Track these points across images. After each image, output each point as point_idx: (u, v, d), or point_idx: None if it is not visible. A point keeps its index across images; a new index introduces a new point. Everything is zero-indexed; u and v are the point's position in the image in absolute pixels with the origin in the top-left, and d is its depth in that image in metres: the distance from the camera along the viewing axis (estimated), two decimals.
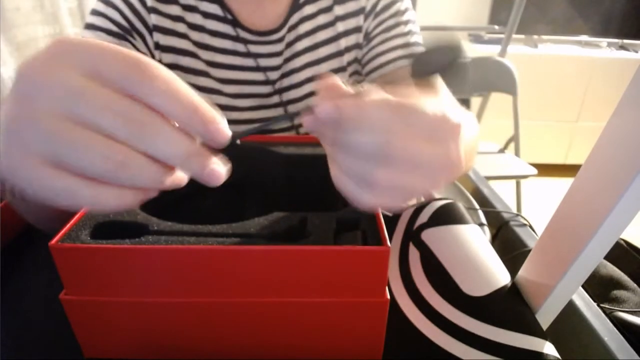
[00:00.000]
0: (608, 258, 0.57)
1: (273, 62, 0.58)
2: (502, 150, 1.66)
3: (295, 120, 0.61)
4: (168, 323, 0.33)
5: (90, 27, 0.51)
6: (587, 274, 0.37)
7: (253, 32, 0.57)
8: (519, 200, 1.56)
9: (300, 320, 0.32)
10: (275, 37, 0.57)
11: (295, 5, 0.58)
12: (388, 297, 0.31)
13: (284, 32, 0.58)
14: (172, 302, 0.31)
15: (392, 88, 0.23)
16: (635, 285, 0.52)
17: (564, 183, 2.34)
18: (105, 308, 0.32)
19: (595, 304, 0.42)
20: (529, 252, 0.42)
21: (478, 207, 0.61)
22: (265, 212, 0.34)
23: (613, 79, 2.26)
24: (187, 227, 0.32)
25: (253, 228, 0.32)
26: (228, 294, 0.31)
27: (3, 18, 0.95)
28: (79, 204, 0.20)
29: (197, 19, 0.55)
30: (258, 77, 0.59)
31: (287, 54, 0.59)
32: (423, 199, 0.26)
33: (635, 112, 0.30)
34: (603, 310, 0.42)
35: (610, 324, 0.40)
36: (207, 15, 0.56)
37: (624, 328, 0.43)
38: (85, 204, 0.20)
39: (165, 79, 0.20)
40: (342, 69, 0.61)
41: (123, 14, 0.52)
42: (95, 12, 0.52)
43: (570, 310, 0.41)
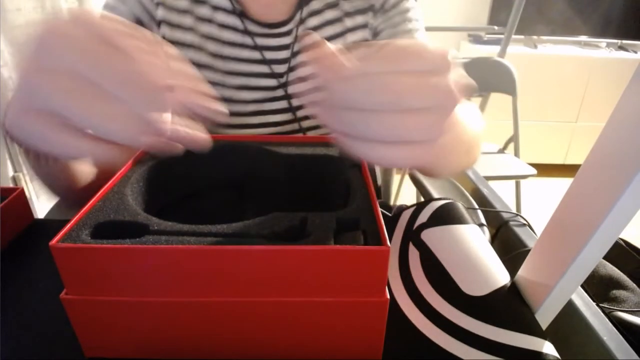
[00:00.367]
0: (607, 258, 0.58)
1: (280, 55, 0.59)
2: (501, 151, 1.66)
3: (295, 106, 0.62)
4: (169, 323, 0.33)
5: None
6: (586, 274, 0.37)
7: (261, 24, 0.58)
8: (519, 200, 1.56)
9: (300, 320, 0.32)
10: (284, 29, 0.58)
11: (303, 0, 0.59)
12: (388, 296, 0.31)
13: (292, 25, 0.58)
14: (172, 301, 0.31)
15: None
16: (635, 285, 0.53)
17: (563, 183, 2.34)
18: (106, 308, 0.32)
19: (595, 304, 0.42)
20: (529, 252, 0.42)
21: (477, 207, 0.61)
22: (265, 212, 0.34)
23: (612, 79, 2.27)
24: (187, 227, 0.32)
25: (253, 228, 0.32)
26: (228, 294, 0.31)
27: (4, 19, 0.95)
28: (69, 154, 0.23)
29: (205, 12, 0.57)
30: (263, 69, 0.59)
31: (296, 48, 0.59)
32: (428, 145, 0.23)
33: (634, 112, 0.30)
34: (602, 310, 0.42)
35: (610, 324, 0.40)
36: (216, 8, 0.57)
37: (623, 328, 0.43)
38: (76, 154, 0.23)
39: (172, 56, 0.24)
40: None
41: (131, 10, 0.55)
42: (108, 6, 0.56)
43: (570, 310, 0.41)
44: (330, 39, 0.60)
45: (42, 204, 1.05)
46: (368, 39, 0.61)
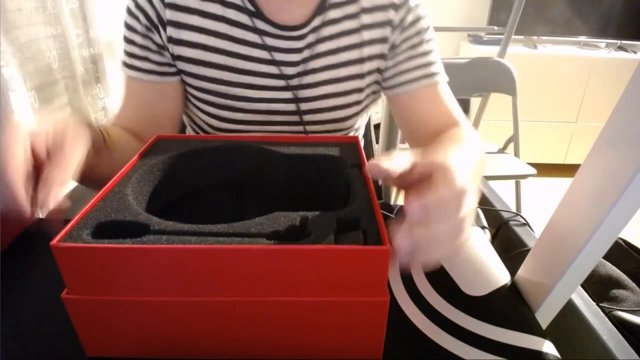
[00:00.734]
0: (607, 257, 0.58)
1: (290, 57, 0.59)
2: (501, 151, 1.66)
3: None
4: (169, 322, 0.33)
5: (126, 25, 0.59)
6: (586, 274, 0.37)
7: (274, 25, 0.58)
8: (519, 200, 1.56)
9: (301, 320, 0.32)
10: (296, 33, 0.58)
11: (321, 8, 0.58)
12: (388, 296, 0.31)
13: (306, 31, 0.58)
14: (173, 301, 0.31)
15: (428, 152, 0.34)
16: (634, 285, 0.53)
17: (563, 183, 2.34)
18: (107, 307, 0.32)
19: (595, 303, 0.42)
20: (529, 251, 0.43)
21: (477, 206, 0.61)
22: (266, 211, 0.34)
23: (612, 80, 2.27)
24: (188, 226, 0.32)
25: (254, 227, 0.32)
26: (228, 293, 0.31)
27: (5, 19, 0.95)
28: None
29: (217, 9, 0.57)
30: (272, 70, 0.59)
31: (306, 54, 0.59)
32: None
33: (634, 112, 0.31)
34: (602, 310, 0.42)
35: (609, 323, 0.40)
36: (227, 5, 0.57)
37: (623, 327, 0.43)
38: None
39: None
40: (360, 76, 0.62)
41: (146, 14, 0.57)
42: (128, 10, 0.58)
43: (570, 310, 0.41)
44: (346, 50, 0.60)
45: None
46: (385, 54, 0.61)
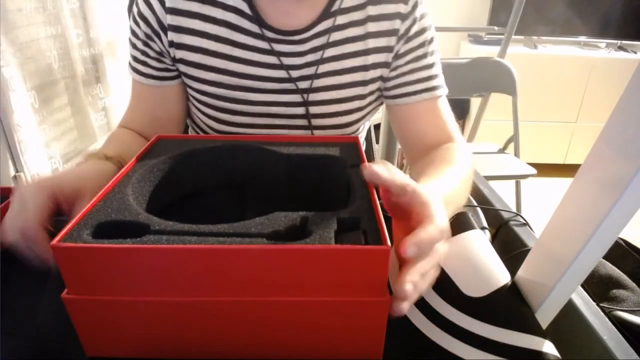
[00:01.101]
0: (607, 257, 0.58)
1: (292, 60, 0.59)
2: (501, 151, 1.66)
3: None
4: (170, 322, 0.33)
5: (132, 32, 0.61)
6: (586, 274, 0.37)
7: (275, 30, 0.57)
8: (519, 200, 1.56)
9: (301, 320, 0.32)
10: (298, 37, 0.58)
11: (327, 13, 0.58)
12: (389, 296, 0.31)
13: (308, 35, 0.58)
14: (173, 301, 0.31)
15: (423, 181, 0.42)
16: (634, 285, 0.53)
17: (563, 183, 2.34)
18: (107, 307, 0.32)
19: (595, 303, 0.42)
20: (529, 251, 0.43)
21: (477, 205, 0.61)
22: (266, 211, 0.34)
23: (612, 80, 2.27)
24: (188, 226, 0.32)
25: (254, 227, 0.32)
26: (229, 293, 0.31)
27: (5, 19, 0.95)
28: None
29: (218, 13, 0.57)
30: (273, 73, 0.59)
31: (310, 58, 0.59)
32: None
33: (634, 112, 0.31)
34: (602, 310, 0.42)
35: (609, 323, 0.40)
36: (228, 9, 0.57)
37: (623, 327, 0.43)
38: None
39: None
40: (362, 83, 0.61)
41: (147, 21, 0.58)
42: (133, 17, 0.59)
43: (570, 310, 0.41)
44: (350, 57, 0.60)
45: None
46: (389, 62, 0.61)
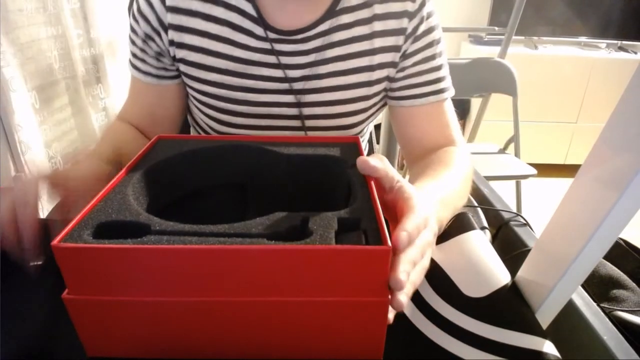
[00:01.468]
0: (607, 258, 0.58)
1: (294, 60, 0.58)
2: (502, 151, 1.66)
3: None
4: (170, 322, 0.33)
5: (132, 29, 0.61)
6: (586, 274, 0.37)
7: (276, 30, 0.57)
8: (519, 200, 1.56)
9: (301, 320, 0.32)
10: (300, 36, 0.57)
11: (331, 12, 0.57)
12: (389, 296, 0.31)
13: (311, 34, 0.57)
14: (174, 301, 0.31)
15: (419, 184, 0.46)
16: (635, 285, 0.53)
17: (564, 183, 2.34)
18: (108, 307, 0.32)
19: (595, 304, 0.42)
20: (529, 251, 0.43)
21: (478, 205, 0.61)
22: (267, 211, 0.35)
23: (612, 80, 2.27)
24: (188, 227, 0.32)
25: (254, 228, 0.32)
26: (229, 293, 0.31)
27: (6, 19, 0.95)
28: None
29: (219, 12, 0.56)
30: (274, 73, 0.58)
31: (313, 58, 0.58)
32: None
33: (634, 112, 0.31)
34: (602, 310, 0.42)
35: (610, 323, 0.40)
36: (230, 8, 0.56)
37: (623, 327, 0.43)
38: None
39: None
40: (368, 84, 0.60)
41: (146, 19, 0.57)
42: (133, 14, 0.59)
43: (570, 310, 0.41)
44: (356, 56, 0.59)
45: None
46: (396, 62, 0.60)
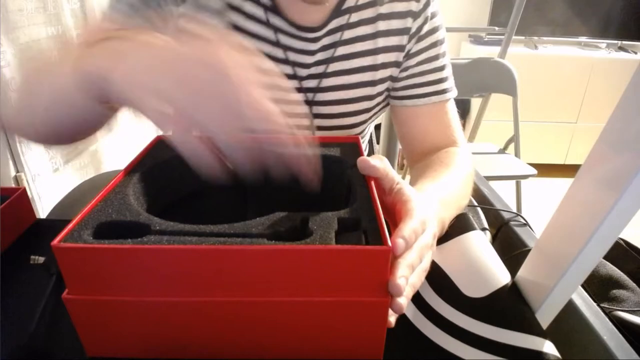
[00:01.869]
0: (607, 258, 0.58)
1: (303, 59, 0.57)
2: (502, 151, 1.66)
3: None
4: (170, 322, 0.33)
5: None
6: (586, 274, 0.37)
7: (291, 23, 0.56)
8: (519, 200, 1.56)
9: (301, 320, 0.32)
10: (312, 35, 0.56)
11: (338, 11, 0.57)
12: (389, 296, 0.31)
13: (322, 33, 0.57)
14: (174, 301, 0.31)
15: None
16: (635, 285, 0.53)
17: (564, 183, 2.34)
18: (108, 307, 0.32)
19: (595, 304, 0.42)
20: (529, 251, 0.43)
21: (478, 205, 0.61)
22: (267, 211, 0.35)
23: (612, 80, 2.27)
24: (189, 227, 0.32)
25: (255, 228, 0.32)
26: (229, 294, 0.31)
27: (6, 19, 0.95)
28: (210, 173, 0.30)
29: (235, 0, 0.55)
30: (284, 69, 0.57)
31: (319, 57, 0.58)
32: None
33: (634, 112, 0.31)
34: (602, 310, 0.42)
35: (610, 323, 0.40)
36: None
37: (623, 327, 0.43)
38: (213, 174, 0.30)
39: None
40: (371, 84, 0.60)
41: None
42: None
43: (570, 310, 0.41)
44: (360, 56, 0.58)
45: (44, 204, 1.05)
46: (400, 62, 0.60)
